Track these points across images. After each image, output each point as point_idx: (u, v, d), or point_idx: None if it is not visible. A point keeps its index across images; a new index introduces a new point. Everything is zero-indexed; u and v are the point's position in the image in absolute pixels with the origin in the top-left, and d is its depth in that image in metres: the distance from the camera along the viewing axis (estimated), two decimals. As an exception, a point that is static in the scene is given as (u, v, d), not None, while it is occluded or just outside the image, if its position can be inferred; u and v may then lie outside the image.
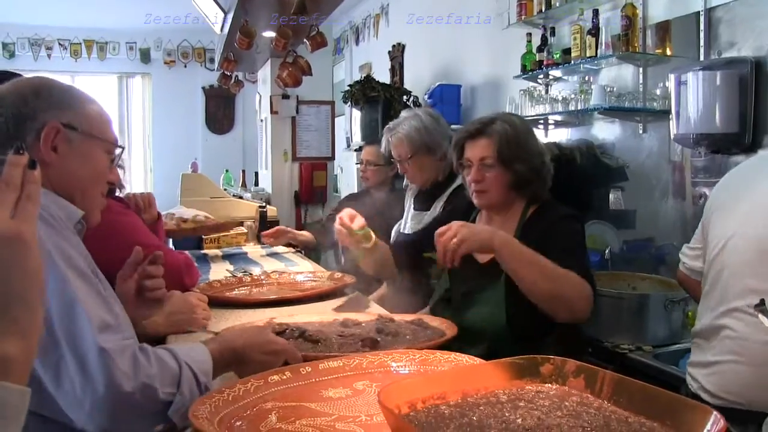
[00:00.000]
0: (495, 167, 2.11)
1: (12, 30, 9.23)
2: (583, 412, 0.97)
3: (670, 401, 0.93)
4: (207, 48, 9.91)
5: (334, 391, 1.30)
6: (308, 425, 1.14)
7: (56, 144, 1.33)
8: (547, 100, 4.10)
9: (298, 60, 5.01)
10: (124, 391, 1.12)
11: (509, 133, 2.10)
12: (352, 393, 1.29)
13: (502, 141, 2.10)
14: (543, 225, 2.07)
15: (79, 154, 1.37)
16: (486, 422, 0.94)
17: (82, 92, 1.46)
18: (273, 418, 1.16)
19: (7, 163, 0.73)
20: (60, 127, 1.33)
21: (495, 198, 2.15)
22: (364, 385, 1.33)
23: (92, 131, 1.40)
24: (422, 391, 1.04)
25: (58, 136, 1.33)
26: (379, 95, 5.63)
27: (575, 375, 1.08)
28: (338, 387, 1.32)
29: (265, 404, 1.23)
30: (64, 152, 1.35)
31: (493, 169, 2.11)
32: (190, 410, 1.13)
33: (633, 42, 3.41)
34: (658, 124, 3.45)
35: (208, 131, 10.13)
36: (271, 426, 1.14)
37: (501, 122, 2.14)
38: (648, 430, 0.90)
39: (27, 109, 1.32)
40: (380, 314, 1.93)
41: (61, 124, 1.33)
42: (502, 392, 1.07)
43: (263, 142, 6.26)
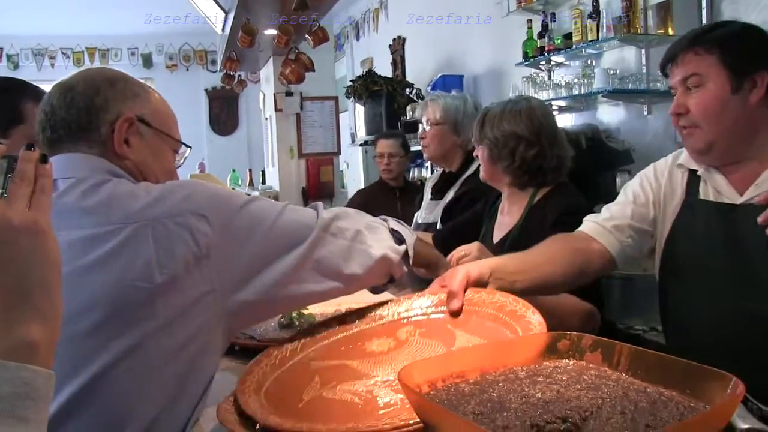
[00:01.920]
0: (479, 145, 2.22)
1: (15, 41, 9.28)
2: (602, 385, 0.98)
3: (687, 369, 0.94)
4: (208, 50, 9.94)
5: (377, 342, 1.33)
6: (348, 391, 1.15)
7: (128, 137, 1.29)
8: (550, 86, 4.10)
9: (300, 56, 5.02)
10: None
11: (488, 113, 2.20)
12: (395, 345, 1.31)
13: (479, 122, 2.21)
14: (544, 217, 2.07)
15: (151, 149, 1.34)
16: (506, 397, 0.95)
17: (152, 88, 1.41)
18: (317, 383, 1.19)
19: (20, 158, 0.76)
20: (134, 119, 1.30)
21: (484, 173, 2.25)
22: (407, 332, 1.34)
23: (163, 128, 1.37)
24: (441, 370, 1.05)
25: (130, 129, 1.30)
26: (381, 89, 5.64)
27: (592, 349, 1.09)
28: (382, 337, 1.35)
29: (310, 364, 1.26)
30: (136, 146, 1.31)
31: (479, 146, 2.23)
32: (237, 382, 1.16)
33: (634, 23, 3.41)
34: (662, 105, 3.45)
35: (212, 133, 10.17)
36: (314, 393, 1.16)
37: (497, 105, 2.23)
38: (667, 399, 0.91)
39: (100, 99, 1.27)
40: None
41: (135, 117, 1.30)
42: (520, 369, 1.07)
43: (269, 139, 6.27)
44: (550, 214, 2.04)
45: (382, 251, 1.36)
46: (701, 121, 1.55)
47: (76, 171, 1.20)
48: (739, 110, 1.52)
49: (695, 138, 1.58)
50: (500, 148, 2.14)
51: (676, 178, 1.72)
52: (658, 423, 0.84)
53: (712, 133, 1.55)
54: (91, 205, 1.14)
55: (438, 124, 2.82)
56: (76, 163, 1.23)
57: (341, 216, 1.35)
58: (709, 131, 1.55)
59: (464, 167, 2.84)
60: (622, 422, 0.85)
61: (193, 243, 1.13)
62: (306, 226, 1.27)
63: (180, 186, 1.20)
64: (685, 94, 1.57)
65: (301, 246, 1.25)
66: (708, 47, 1.54)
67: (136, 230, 1.11)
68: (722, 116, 1.53)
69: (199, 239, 1.13)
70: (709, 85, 1.53)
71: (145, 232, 1.11)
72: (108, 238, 1.10)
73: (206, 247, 1.14)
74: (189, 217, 1.14)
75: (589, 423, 0.85)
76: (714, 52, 1.53)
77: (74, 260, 1.08)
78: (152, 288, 1.09)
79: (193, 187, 1.20)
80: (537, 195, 2.15)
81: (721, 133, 1.54)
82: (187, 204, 1.16)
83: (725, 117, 1.53)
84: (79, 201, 1.14)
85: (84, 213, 1.13)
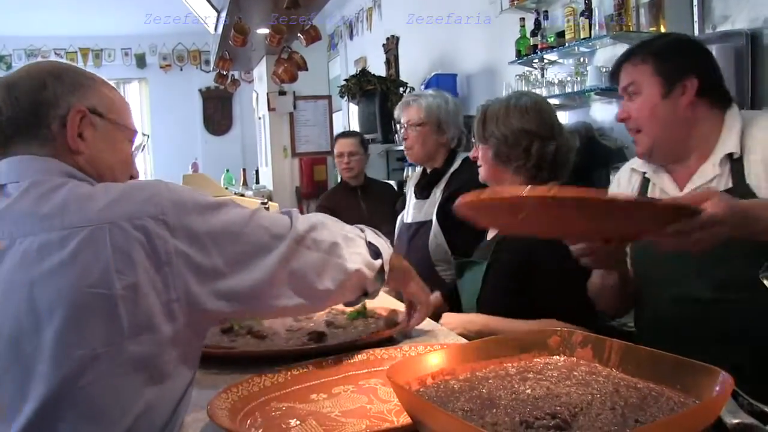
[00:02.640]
0: (480, 143, 2.12)
1: (8, 42, 9.26)
2: (592, 381, 0.98)
3: (677, 364, 0.94)
4: (202, 50, 9.93)
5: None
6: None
7: (82, 130, 1.21)
8: (544, 83, 4.10)
9: (293, 55, 5.02)
10: None
11: (488, 110, 2.09)
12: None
13: (480, 119, 2.10)
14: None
15: (107, 141, 1.26)
16: (496, 394, 0.95)
17: (102, 77, 1.33)
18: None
19: None
20: (86, 111, 1.21)
21: (484, 173, 2.13)
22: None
23: (117, 117, 1.29)
24: (431, 368, 1.04)
25: (83, 122, 1.21)
26: (375, 88, 5.64)
27: (582, 345, 1.09)
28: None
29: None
30: (90, 139, 1.22)
31: (480, 145, 2.12)
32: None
33: (627, 21, 3.42)
34: (655, 102, 3.45)
35: (207, 133, 10.16)
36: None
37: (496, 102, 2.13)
38: (657, 394, 0.91)
39: (47, 93, 1.19)
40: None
41: (87, 109, 1.21)
42: (510, 366, 1.07)
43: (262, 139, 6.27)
44: None
45: (357, 265, 1.30)
46: (642, 125, 1.68)
47: (30, 174, 1.14)
48: (671, 113, 1.64)
49: (639, 141, 1.71)
50: (511, 147, 2.02)
51: (633, 181, 1.82)
52: (648, 418, 0.84)
53: (652, 135, 1.67)
54: (46, 211, 1.08)
55: (421, 125, 2.78)
56: (29, 165, 1.16)
57: (317, 227, 1.27)
58: (649, 134, 1.67)
59: (448, 163, 2.82)
60: (611, 418, 0.85)
61: (149, 248, 1.07)
62: (277, 236, 1.20)
63: (141, 187, 1.13)
64: (628, 101, 1.71)
65: (271, 255, 1.18)
66: (643, 57, 1.68)
67: (92, 233, 1.05)
68: (657, 119, 1.65)
69: (156, 244, 1.07)
70: (645, 92, 1.66)
71: (102, 235, 1.05)
72: (64, 243, 1.04)
73: (166, 253, 1.08)
74: (147, 220, 1.08)
75: (578, 419, 0.85)
76: (648, 61, 1.67)
77: (32, 268, 1.04)
78: (111, 295, 1.04)
79: (155, 188, 1.13)
80: None
81: (659, 134, 1.66)
82: (146, 206, 1.09)
83: (659, 120, 1.65)
84: (35, 206, 1.08)
85: (40, 219, 1.07)
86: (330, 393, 1.29)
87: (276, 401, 1.25)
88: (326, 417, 1.17)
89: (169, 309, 1.09)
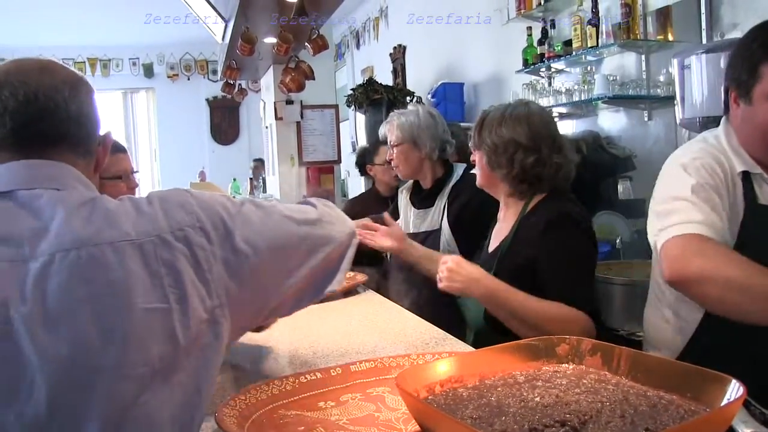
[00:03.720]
0: (476, 150, 2.14)
1: (17, 52, 9.20)
2: (602, 389, 0.97)
3: (687, 372, 0.93)
4: (209, 60, 9.98)
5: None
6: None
7: None
8: (551, 92, 4.10)
9: (300, 65, 5.02)
10: None
11: (487, 117, 2.12)
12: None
13: (477, 126, 2.13)
14: (534, 226, 1.99)
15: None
16: (504, 402, 0.94)
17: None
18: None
19: None
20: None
21: (480, 179, 2.17)
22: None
23: None
24: (439, 375, 1.04)
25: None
26: (382, 97, 5.63)
27: (591, 353, 1.08)
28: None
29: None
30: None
31: (476, 151, 2.15)
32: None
33: (634, 29, 3.42)
34: (663, 110, 3.45)
35: (213, 142, 10.19)
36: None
37: (495, 110, 2.14)
38: (667, 402, 0.90)
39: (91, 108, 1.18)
40: None
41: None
42: (519, 374, 1.07)
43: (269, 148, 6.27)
44: (539, 224, 1.96)
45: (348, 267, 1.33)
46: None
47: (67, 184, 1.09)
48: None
49: None
50: (499, 155, 2.05)
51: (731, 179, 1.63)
52: (658, 426, 0.83)
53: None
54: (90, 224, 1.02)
55: (399, 144, 2.81)
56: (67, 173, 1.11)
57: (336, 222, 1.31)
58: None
59: (448, 174, 2.83)
60: (621, 426, 0.84)
61: (192, 259, 1.05)
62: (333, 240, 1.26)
63: (169, 198, 1.11)
64: None
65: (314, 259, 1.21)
66: None
67: (141, 248, 1.02)
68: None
69: (197, 254, 1.06)
70: None
71: (150, 249, 1.03)
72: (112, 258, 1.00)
73: (206, 261, 1.06)
74: (188, 230, 1.06)
75: (588, 427, 0.84)
76: None
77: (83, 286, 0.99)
78: (168, 309, 1.01)
79: (182, 196, 1.12)
80: (530, 203, 2.07)
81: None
82: (184, 216, 1.08)
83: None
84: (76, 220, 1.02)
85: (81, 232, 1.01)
86: (338, 401, 1.28)
87: (284, 409, 1.25)
88: (334, 425, 1.17)
89: (213, 316, 1.07)
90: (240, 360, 1.65)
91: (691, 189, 1.54)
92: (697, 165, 1.59)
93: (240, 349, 1.74)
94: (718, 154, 1.62)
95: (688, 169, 1.60)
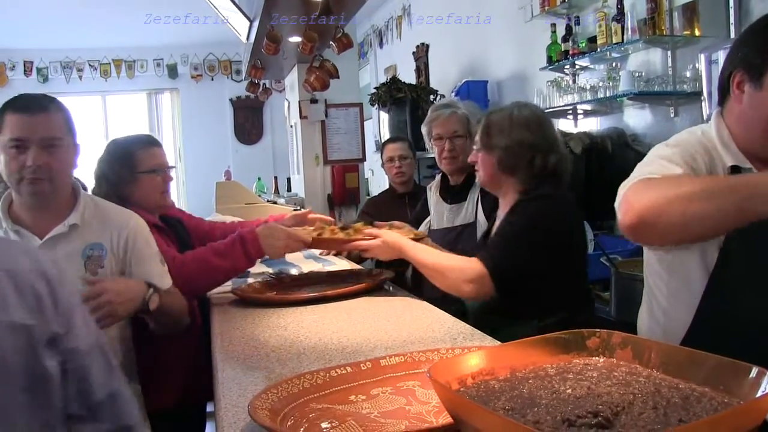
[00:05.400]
0: (481, 150, 2.23)
1: (45, 55, 9.46)
2: (633, 381, 0.97)
3: (720, 365, 0.93)
4: (233, 60, 10.04)
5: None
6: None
7: None
8: (575, 89, 4.08)
9: (324, 63, 5.04)
10: None
11: (492, 120, 2.21)
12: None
13: (485, 128, 2.22)
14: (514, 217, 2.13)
15: None
16: (536, 394, 0.95)
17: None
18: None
19: None
20: None
21: (483, 178, 2.27)
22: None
23: None
24: (471, 368, 1.05)
25: None
26: (405, 96, 5.65)
27: (622, 347, 1.08)
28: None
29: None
30: None
31: (480, 152, 2.24)
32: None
33: (660, 25, 3.40)
34: (689, 106, 3.42)
35: (237, 142, 10.25)
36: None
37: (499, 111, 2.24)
38: (700, 395, 0.90)
39: None
40: None
41: None
42: (550, 366, 1.07)
43: (294, 147, 6.31)
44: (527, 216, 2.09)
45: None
46: None
47: None
48: None
49: None
50: (516, 157, 2.14)
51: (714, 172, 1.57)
52: (691, 418, 0.84)
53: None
54: None
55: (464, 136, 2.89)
56: None
57: None
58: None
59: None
60: (654, 417, 0.84)
61: None
62: None
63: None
64: None
65: None
66: None
67: None
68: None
69: None
70: None
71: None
72: None
73: None
74: None
75: (620, 418, 0.85)
76: None
77: None
78: None
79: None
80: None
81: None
82: None
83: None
84: None
85: None
86: (369, 395, 1.30)
87: (315, 402, 1.26)
88: (366, 418, 1.18)
89: None
90: (270, 356, 1.67)
91: (666, 157, 1.49)
92: (679, 151, 1.52)
93: (270, 345, 1.76)
94: (705, 144, 1.54)
95: (667, 153, 1.52)
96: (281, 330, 1.92)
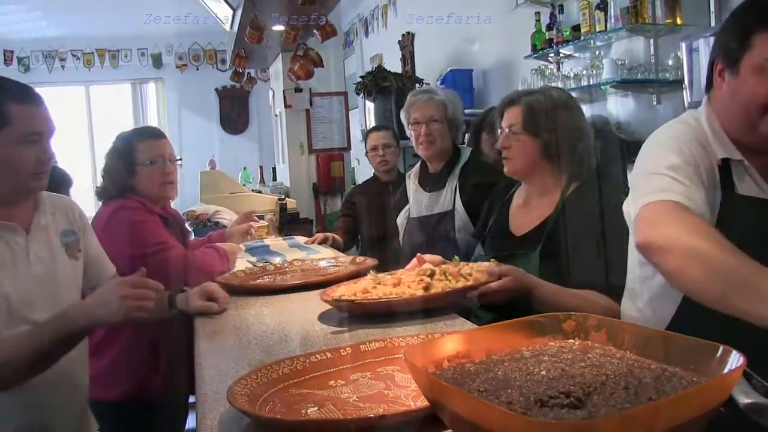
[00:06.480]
0: (521, 134, 2.08)
1: (26, 44, 9.35)
2: (606, 362, 0.99)
3: (689, 345, 0.95)
4: (218, 49, 9.99)
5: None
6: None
7: None
8: (559, 77, 4.10)
9: (308, 52, 5.04)
10: None
11: (540, 103, 2.07)
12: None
13: (529, 110, 2.07)
14: (586, 208, 2.00)
15: None
16: (511, 375, 0.96)
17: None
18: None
19: None
20: None
21: (520, 165, 2.12)
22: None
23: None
24: (447, 351, 1.06)
25: None
26: (391, 85, 5.64)
27: (597, 329, 1.10)
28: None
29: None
30: None
31: (520, 136, 2.09)
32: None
33: (642, 13, 3.41)
34: (671, 94, 3.44)
35: (223, 132, 10.22)
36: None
37: (537, 93, 2.12)
38: (670, 374, 0.92)
39: None
40: None
41: None
42: (525, 349, 1.09)
43: (279, 136, 6.30)
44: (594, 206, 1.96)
45: None
46: None
47: None
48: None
49: None
50: (564, 142, 2.03)
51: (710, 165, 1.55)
52: (660, 396, 0.85)
53: None
54: None
55: (440, 120, 2.89)
56: None
57: None
58: None
59: (455, 157, 2.90)
60: (625, 396, 0.86)
61: None
62: None
63: None
64: None
65: None
66: None
67: None
68: None
69: None
70: None
71: None
72: None
73: None
74: None
75: (592, 398, 0.86)
76: None
77: None
78: None
79: None
80: (570, 186, 2.08)
81: None
82: None
83: None
84: None
85: None
86: (348, 380, 1.31)
87: (294, 387, 1.27)
88: (344, 402, 1.19)
89: None
90: (252, 344, 1.67)
91: (673, 167, 1.47)
92: (680, 146, 1.52)
93: (251, 331, 1.77)
94: (699, 137, 1.54)
95: (669, 149, 1.52)
96: (264, 318, 1.93)
